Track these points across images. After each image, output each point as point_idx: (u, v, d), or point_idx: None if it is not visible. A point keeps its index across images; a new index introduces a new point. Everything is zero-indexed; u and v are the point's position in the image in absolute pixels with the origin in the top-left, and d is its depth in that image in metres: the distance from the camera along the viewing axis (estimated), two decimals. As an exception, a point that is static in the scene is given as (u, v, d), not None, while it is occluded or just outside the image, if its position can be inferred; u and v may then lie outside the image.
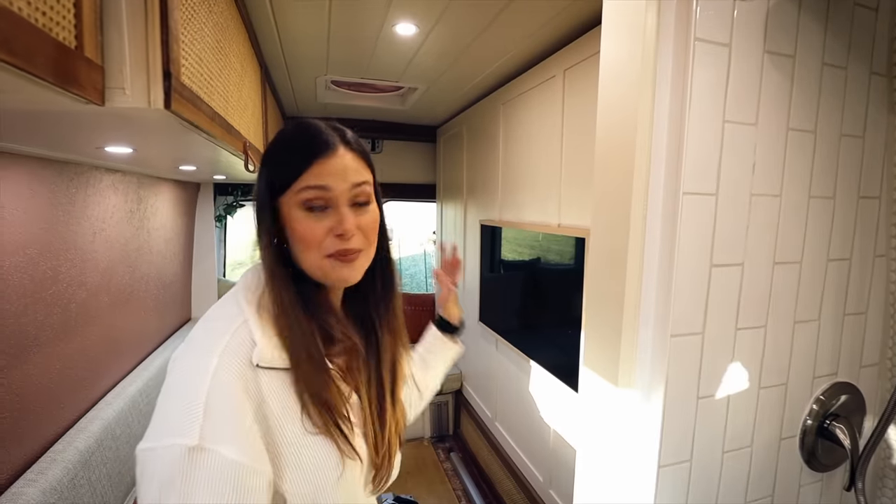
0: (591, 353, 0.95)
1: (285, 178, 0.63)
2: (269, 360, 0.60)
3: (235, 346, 0.59)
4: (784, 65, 0.85)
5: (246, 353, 0.59)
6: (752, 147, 0.85)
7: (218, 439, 0.52)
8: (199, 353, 0.58)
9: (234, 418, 0.55)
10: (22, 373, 1.20)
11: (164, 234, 2.28)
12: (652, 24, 0.77)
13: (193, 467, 0.50)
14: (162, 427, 0.53)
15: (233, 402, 0.56)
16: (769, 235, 0.90)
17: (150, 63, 0.63)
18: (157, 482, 0.50)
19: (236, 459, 0.53)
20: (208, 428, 0.52)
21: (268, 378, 0.61)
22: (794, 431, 1.00)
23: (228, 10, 1.15)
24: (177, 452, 0.51)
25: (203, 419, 0.52)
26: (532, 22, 1.55)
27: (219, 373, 0.56)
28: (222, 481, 0.51)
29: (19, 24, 0.44)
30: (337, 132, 0.68)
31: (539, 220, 1.97)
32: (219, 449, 0.52)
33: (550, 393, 1.92)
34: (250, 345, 0.60)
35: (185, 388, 0.55)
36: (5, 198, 1.11)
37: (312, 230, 0.63)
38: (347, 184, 0.65)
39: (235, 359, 0.58)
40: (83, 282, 1.50)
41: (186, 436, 0.51)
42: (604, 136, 0.90)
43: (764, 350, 0.93)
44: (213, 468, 0.51)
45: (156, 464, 0.51)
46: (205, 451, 0.51)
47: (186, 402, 0.54)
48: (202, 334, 0.62)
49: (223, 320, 0.63)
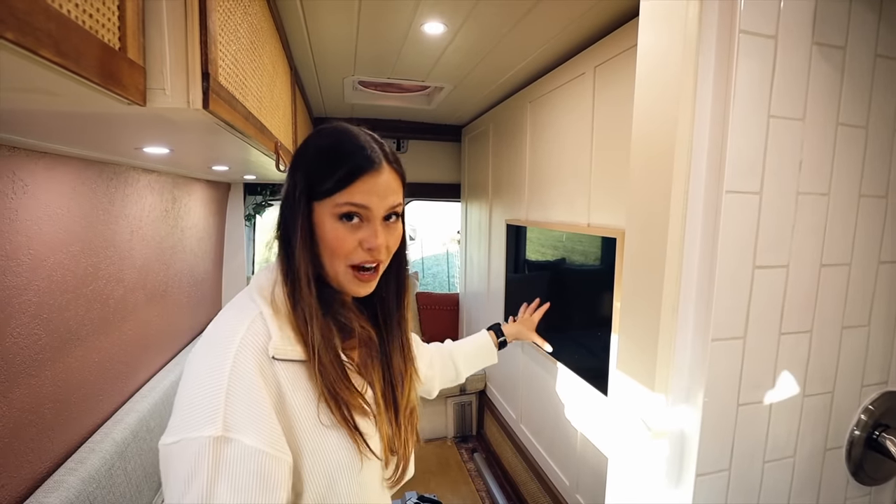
0: (626, 357, 0.92)
1: (327, 187, 0.64)
2: (283, 353, 0.62)
3: (252, 337, 0.61)
4: (834, 57, 0.81)
5: (262, 345, 0.61)
6: (799, 143, 0.81)
7: (240, 429, 0.54)
8: (217, 347, 0.59)
9: (254, 408, 0.56)
10: (64, 365, 1.25)
11: (197, 232, 2.34)
12: (694, 16, 0.74)
13: (218, 457, 0.52)
14: (185, 420, 0.54)
15: (252, 392, 0.57)
16: (816, 236, 0.85)
17: (190, 64, 0.64)
18: (184, 473, 0.51)
19: (259, 447, 0.54)
20: (231, 418, 0.54)
21: (284, 370, 0.62)
22: (841, 442, 0.95)
23: (262, 12, 1.17)
24: (201, 444, 0.52)
25: (225, 410, 0.54)
26: (562, 18, 1.52)
27: (237, 364, 0.57)
28: (246, 469, 0.53)
29: (68, 26, 0.45)
30: (380, 147, 0.68)
31: (567, 220, 1.94)
32: (241, 438, 0.53)
33: (578, 395, 1.89)
34: (266, 337, 0.62)
35: (206, 381, 0.56)
36: (51, 197, 1.15)
37: (344, 240, 0.65)
38: (385, 204, 0.67)
39: (252, 350, 0.60)
40: (121, 278, 1.55)
41: (210, 427, 0.53)
42: (641, 133, 0.87)
43: (809, 356, 0.89)
44: (237, 457, 0.53)
45: (181, 456, 0.52)
46: (229, 441, 0.53)
47: (208, 394, 0.55)
48: (218, 329, 0.63)
49: (238, 314, 0.64)
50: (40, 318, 1.15)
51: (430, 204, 4.78)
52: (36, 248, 1.11)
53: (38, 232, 1.11)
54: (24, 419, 1.09)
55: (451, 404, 3.27)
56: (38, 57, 0.41)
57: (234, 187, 2.88)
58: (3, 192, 0.99)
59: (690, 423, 0.83)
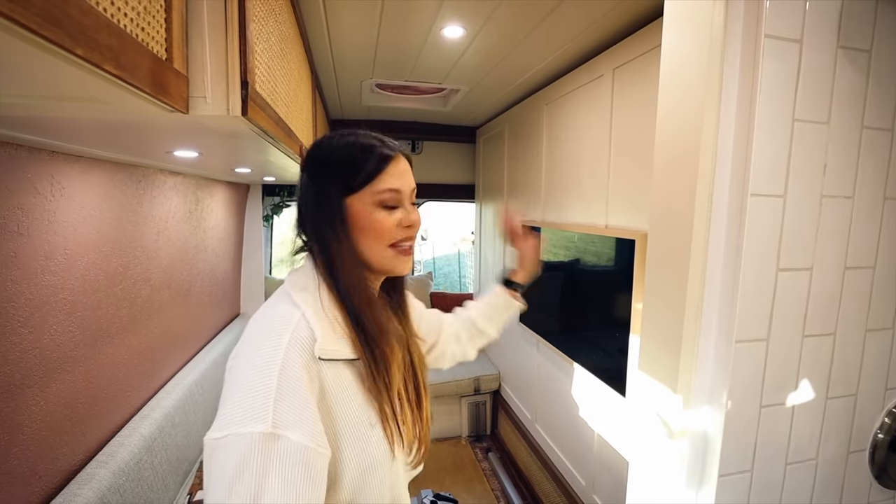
0: (648, 358, 0.93)
1: (361, 179, 0.69)
2: (329, 353, 0.65)
3: (298, 339, 0.63)
4: (859, 60, 0.81)
5: (307, 346, 0.63)
6: (824, 146, 0.81)
7: (289, 425, 0.56)
8: (265, 347, 0.62)
9: (302, 406, 0.59)
10: (96, 362, 1.29)
11: (218, 233, 2.38)
12: (719, 20, 0.75)
13: (268, 452, 0.54)
14: (234, 416, 0.57)
15: (300, 391, 0.60)
16: (840, 239, 0.86)
17: (230, 72, 0.67)
18: (231, 468, 0.54)
19: (305, 444, 0.57)
20: (280, 415, 0.56)
21: (328, 369, 0.65)
22: (864, 445, 0.95)
23: (289, 20, 1.20)
24: (252, 439, 0.54)
25: (274, 407, 0.56)
26: (581, 21, 1.53)
27: (286, 364, 0.60)
28: (294, 464, 0.55)
29: (126, 40, 0.48)
30: (388, 139, 0.76)
31: (584, 222, 1.94)
32: (289, 435, 0.56)
33: (594, 396, 1.89)
34: (310, 339, 0.64)
35: (255, 380, 0.59)
36: (85, 199, 1.19)
37: (385, 222, 0.71)
38: (410, 185, 0.75)
39: (299, 351, 0.62)
40: (148, 278, 1.59)
41: (260, 423, 0.55)
42: (665, 135, 0.88)
43: (832, 359, 0.89)
44: (286, 452, 0.55)
45: (230, 450, 0.55)
46: (278, 438, 0.55)
47: (257, 392, 0.57)
48: (262, 330, 0.65)
49: (281, 317, 0.66)
50: (74, 316, 1.19)
51: (440, 205, 4.80)
52: (71, 248, 1.15)
53: (73, 233, 1.15)
54: (59, 413, 1.13)
55: (465, 403, 3.28)
56: (102, 71, 0.44)
57: (254, 189, 2.93)
58: (42, 194, 1.03)
59: (713, 424, 0.84)
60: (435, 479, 2.79)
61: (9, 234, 0.93)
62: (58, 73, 0.44)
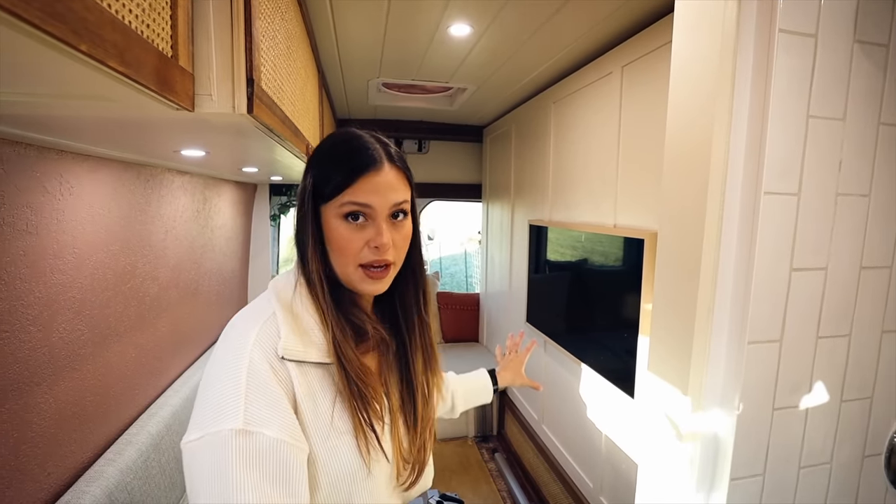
0: (658, 359, 0.92)
1: (330, 189, 0.65)
2: (292, 353, 0.62)
3: (265, 336, 0.62)
4: (876, 55, 0.80)
5: (273, 345, 0.62)
6: (839, 143, 0.80)
7: (261, 422, 0.56)
8: (233, 347, 0.61)
9: (273, 402, 0.58)
10: (104, 360, 1.30)
11: (226, 232, 2.39)
12: (732, 15, 0.73)
13: (241, 448, 0.53)
14: (206, 416, 0.56)
15: (269, 388, 0.59)
16: (856, 238, 0.84)
17: (235, 70, 0.66)
18: (208, 467, 0.53)
19: (280, 438, 0.56)
20: (251, 411, 0.55)
21: (296, 371, 0.63)
22: (880, 449, 0.93)
23: (296, 18, 1.19)
24: (224, 437, 0.53)
25: (245, 405, 0.55)
26: (590, 18, 1.51)
27: (253, 360, 0.59)
28: (269, 459, 0.55)
29: (131, 36, 0.48)
30: (382, 147, 0.69)
31: (592, 221, 1.93)
32: (263, 431, 0.55)
33: (602, 397, 1.87)
34: (277, 337, 0.63)
35: (225, 378, 0.58)
36: (94, 198, 1.20)
37: (350, 241, 0.65)
38: (389, 202, 0.66)
39: (265, 348, 0.61)
40: (156, 277, 1.60)
41: (231, 420, 0.54)
42: (676, 133, 0.86)
43: (847, 361, 0.87)
44: (260, 448, 0.54)
45: (205, 451, 0.54)
46: (251, 434, 0.54)
47: (227, 390, 0.57)
48: (234, 330, 0.65)
49: (253, 315, 0.65)
50: (83, 315, 1.19)
51: (447, 204, 4.80)
52: (80, 247, 1.16)
53: (81, 231, 1.16)
54: (67, 411, 1.14)
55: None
56: (106, 67, 0.43)
57: (261, 188, 2.94)
58: (51, 193, 1.03)
59: (724, 427, 0.83)
60: (441, 479, 2.78)
61: (18, 232, 0.94)
62: (62, 69, 0.44)
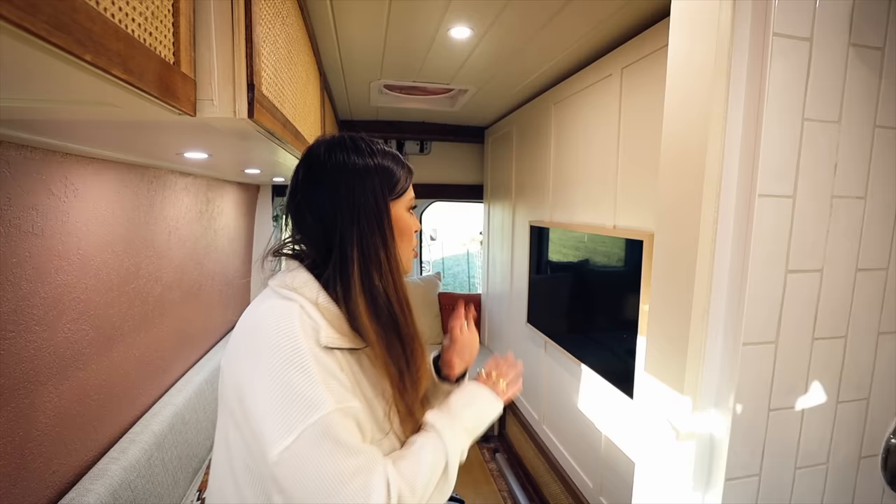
0: (654, 359, 0.93)
1: (402, 186, 0.77)
2: (335, 341, 0.66)
3: (307, 328, 0.64)
4: (871, 58, 0.80)
5: (314, 334, 0.64)
6: (835, 146, 0.80)
7: (342, 398, 0.62)
8: (284, 343, 0.61)
9: (338, 378, 0.64)
10: (108, 360, 1.32)
11: (228, 233, 2.41)
12: (727, 19, 0.74)
13: (339, 428, 0.59)
14: (294, 415, 0.57)
15: (331, 367, 0.64)
16: (851, 240, 0.84)
17: (236, 75, 0.68)
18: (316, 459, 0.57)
19: (359, 406, 0.64)
20: (333, 391, 0.61)
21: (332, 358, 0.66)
22: (876, 450, 0.93)
23: (297, 22, 1.21)
24: (325, 423, 0.58)
25: (325, 387, 0.60)
26: (589, 20, 1.52)
27: (310, 348, 0.62)
28: (360, 426, 0.63)
29: (134, 45, 0.49)
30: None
31: (592, 222, 1.93)
32: (349, 404, 0.62)
33: (602, 398, 1.88)
34: (314, 326, 0.65)
35: (291, 373, 0.59)
36: (98, 200, 1.22)
37: (412, 226, 0.79)
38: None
39: (311, 337, 0.64)
40: (159, 277, 1.62)
41: (322, 407, 0.59)
42: (671, 135, 0.87)
43: (843, 362, 0.87)
44: (353, 420, 0.62)
45: (310, 444, 0.57)
46: (342, 412, 0.60)
47: (302, 382, 0.59)
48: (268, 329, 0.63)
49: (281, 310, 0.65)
50: (88, 315, 1.21)
51: (450, 205, 4.80)
52: (84, 248, 1.17)
53: (86, 233, 1.18)
54: (72, 410, 1.16)
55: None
56: (110, 75, 0.44)
57: (263, 189, 2.96)
58: (56, 195, 1.05)
59: (720, 427, 0.83)
60: (442, 479, 2.78)
61: (24, 234, 0.95)
62: (68, 77, 0.45)
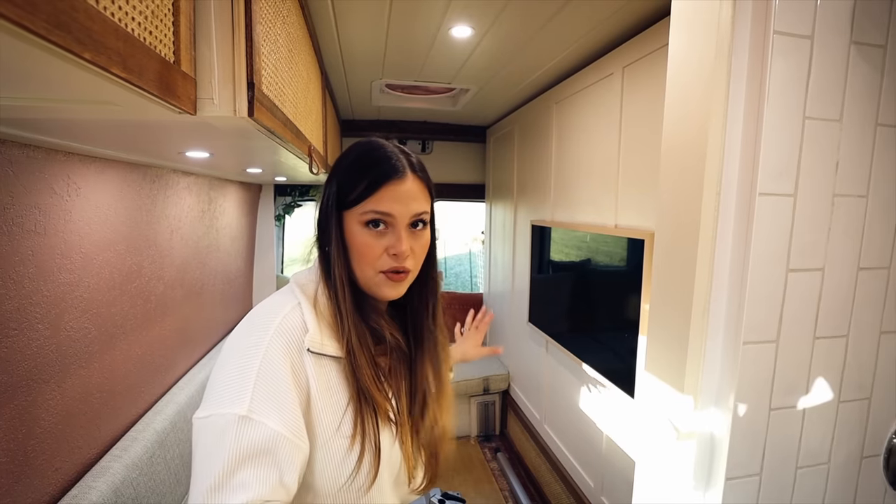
0: (655, 359, 0.92)
1: (354, 196, 0.67)
2: (319, 346, 0.65)
3: (287, 327, 0.64)
4: (873, 56, 0.80)
5: (296, 336, 0.64)
6: (836, 144, 0.80)
7: (264, 411, 0.57)
8: (254, 331, 0.63)
9: (280, 393, 0.59)
10: (111, 358, 1.32)
11: (231, 232, 2.42)
12: (727, 17, 0.74)
13: (240, 434, 0.55)
14: (216, 397, 0.58)
15: (281, 378, 0.60)
16: (853, 239, 0.84)
17: (236, 74, 0.68)
18: (210, 446, 0.55)
19: (280, 431, 0.57)
20: (257, 400, 0.57)
21: (316, 364, 0.65)
22: (878, 450, 0.93)
23: (297, 21, 1.21)
24: (228, 420, 0.55)
25: (252, 392, 0.57)
26: (590, 19, 1.52)
27: (270, 350, 0.61)
28: (265, 450, 0.56)
29: (134, 44, 0.49)
30: (405, 157, 0.70)
31: (594, 221, 1.93)
32: (265, 420, 0.56)
33: (604, 397, 1.88)
34: (301, 329, 0.64)
35: (239, 363, 0.60)
36: (100, 199, 1.22)
37: (371, 247, 0.67)
38: (410, 211, 0.68)
39: (286, 338, 0.63)
40: (161, 276, 1.62)
41: (237, 406, 0.56)
42: (672, 134, 0.87)
43: (845, 361, 0.87)
44: (258, 437, 0.56)
45: (208, 430, 0.56)
46: (252, 422, 0.56)
47: (239, 376, 0.58)
48: (257, 314, 0.67)
49: (277, 304, 0.67)
50: (90, 313, 1.21)
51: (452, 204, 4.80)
52: (87, 247, 1.18)
53: (88, 232, 1.18)
54: (75, 408, 1.16)
55: (474, 403, 3.28)
56: (110, 74, 0.45)
57: (266, 189, 2.96)
58: (59, 194, 1.06)
59: (720, 427, 0.83)
60: (443, 478, 2.79)
61: (27, 232, 0.96)
62: (68, 76, 0.45)
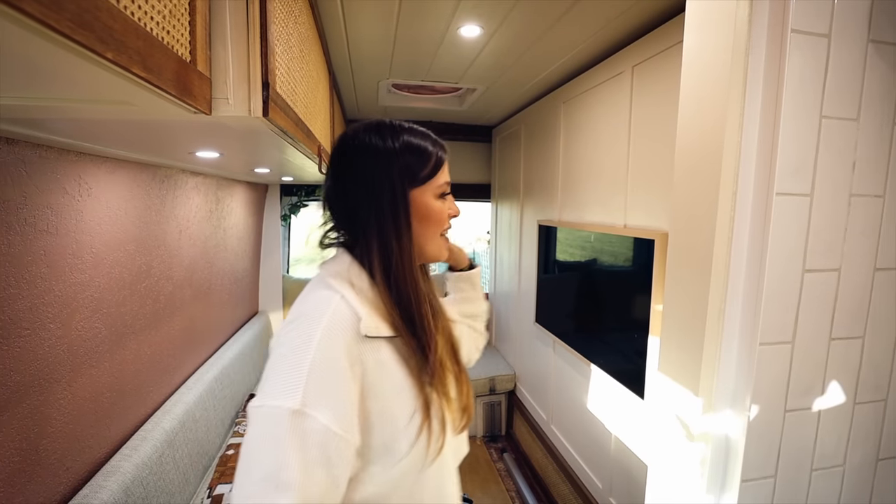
0: (668, 360, 0.92)
1: (426, 172, 0.73)
2: (375, 330, 0.66)
3: (338, 320, 0.64)
4: (891, 54, 0.79)
5: (350, 325, 0.64)
6: (853, 144, 0.79)
7: (316, 405, 0.58)
8: (304, 328, 0.63)
9: (333, 388, 0.61)
10: (121, 357, 1.33)
11: (237, 232, 2.42)
12: (743, 16, 0.73)
13: (292, 427, 0.56)
14: (270, 389, 0.59)
15: (335, 373, 0.61)
16: (870, 239, 0.83)
17: (251, 74, 0.68)
18: (260, 436, 0.56)
19: (330, 427, 0.58)
20: (309, 394, 0.58)
21: (370, 349, 0.66)
22: (894, 452, 0.92)
23: (308, 21, 1.21)
24: (280, 413, 0.56)
25: (305, 385, 0.58)
26: (600, 18, 1.51)
27: (322, 345, 0.61)
28: (314, 443, 0.57)
29: (153, 43, 0.49)
30: (431, 133, 0.78)
31: (602, 221, 1.92)
32: (316, 414, 0.58)
33: (612, 398, 1.87)
34: (353, 317, 0.65)
35: (291, 357, 0.61)
36: (111, 199, 1.22)
37: (443, 212, 0.76)
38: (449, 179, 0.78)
39: (339, 331, 0.63)
40: (170, 276, 1.63)
41: (289, 399, 0.57)
42: (686, 133, 0.86)
43: (861, 362, 0.86)
44: (309, 431, 0.57)
45: (261, 421, 0.57)
46: (304, 415, 0.57)
47: (292, 369, 0.60)
48: (303, 313, 0.67)
49: (320, 300, 0.67)
50: (101, 313, 1.22)
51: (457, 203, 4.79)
52: (97, 246, 1.18)
53: (99, 231, 1.19)
54: (85, 408, 1.17)
55: (480, 403, 3.28)
56: (130, 73, 0.45)
57: (272, 189, 2.97)
58: (70, 194, 1.06)
59: (735, 428, 0.82)
60: (450, 478, 2.79)
61: (39, 232, 0.96)
62: (91, 76, 0.45)
